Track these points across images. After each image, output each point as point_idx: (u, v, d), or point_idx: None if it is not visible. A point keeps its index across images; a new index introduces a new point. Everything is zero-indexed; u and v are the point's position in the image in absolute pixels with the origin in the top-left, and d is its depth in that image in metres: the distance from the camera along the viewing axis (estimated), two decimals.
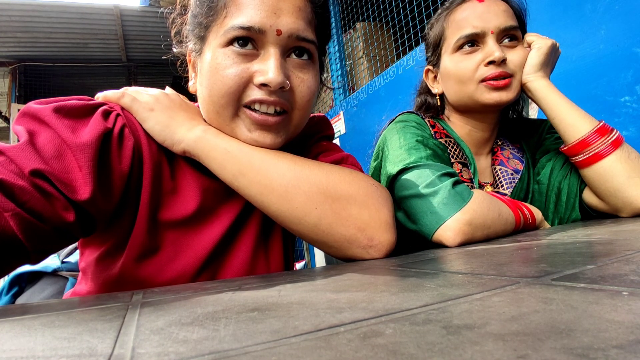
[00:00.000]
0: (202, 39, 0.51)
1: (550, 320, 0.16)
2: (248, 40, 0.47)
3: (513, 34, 0.70)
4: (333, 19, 2.71)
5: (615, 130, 0.65)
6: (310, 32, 0.49)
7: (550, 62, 0.72)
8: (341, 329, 0.18)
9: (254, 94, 0.47)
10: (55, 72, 4.03)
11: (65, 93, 0.51)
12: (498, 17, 0.69)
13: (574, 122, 0.66)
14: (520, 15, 0.74)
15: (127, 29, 3.68)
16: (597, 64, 1.09)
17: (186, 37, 0.56)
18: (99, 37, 3.73)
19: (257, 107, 0.48)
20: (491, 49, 0.68)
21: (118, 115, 0.48)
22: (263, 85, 0.47)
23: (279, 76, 0.46)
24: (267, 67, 0.46)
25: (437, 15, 0.79)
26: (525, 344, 0.14)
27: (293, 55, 0.49)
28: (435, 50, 0.78)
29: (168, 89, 0.57)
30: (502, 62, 0.68)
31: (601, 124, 0.65)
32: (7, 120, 4.04)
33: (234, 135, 0.50)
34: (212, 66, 0.48)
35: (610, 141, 0.64)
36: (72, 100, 0.46)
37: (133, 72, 4.28)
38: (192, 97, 0.60)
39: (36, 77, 3.98)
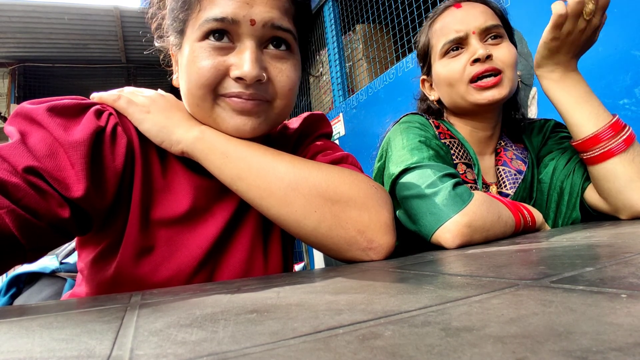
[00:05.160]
0: (181, 33, 0.51)
1: (549, 322, 0.16)
2: (224, 33, 0.47)
3: (496, 33, 0.72)
4: (333, 21, 2.71)
5: (628, 127, 0.64)
6: (286, 21, 0.49)
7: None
8: (340, 331, 0.18)
9: (231, 86, 0.47)
10: (54, 73, 4.03)
11: (65, 94, 0.51)
12: (477, 19, 0.72)
13: (586, 119, 0.66)
14: (500, 14, 0.76)
15: (127, 30, 3.69)
16: (595, 66, 1.10)
17: (166, 31, 0.56)
18: (98, 39, 3.73)
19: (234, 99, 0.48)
20: (475, 47, 0.71)
21: (110, 114, 0.48)
22: (239, 79, 0.47)
23: (254, 69, 0.46)
24: (243, 61, 0.46)
25: (422, 28, 0.83)
26: (524, 346, 0.14)
27: (270, 47, 0.49)
28: (425, 61, 0.82)
29: (160, 90, 0.57)
30: (488, 58, 0.70)
31: (615, 118, 0.64)
32: (6, 121, 4.04)
33: (215, 126, 0.50)
34: (190, 59, 0.48)
35: (622, 138, 0.63)
36: (65, 100, 0.46)
37: (132, 73, 4.28)
38: None
39: (36, 78, 3.99)
